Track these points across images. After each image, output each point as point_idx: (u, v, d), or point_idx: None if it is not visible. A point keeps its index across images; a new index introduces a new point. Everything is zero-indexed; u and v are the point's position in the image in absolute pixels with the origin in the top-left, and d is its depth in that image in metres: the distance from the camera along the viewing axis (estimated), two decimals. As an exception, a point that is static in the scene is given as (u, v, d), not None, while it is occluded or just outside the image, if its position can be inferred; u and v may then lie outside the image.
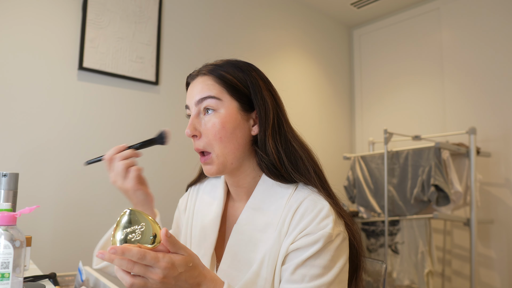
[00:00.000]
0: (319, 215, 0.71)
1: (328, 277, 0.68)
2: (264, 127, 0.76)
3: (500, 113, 2.61)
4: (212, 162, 0.77)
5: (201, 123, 0.77)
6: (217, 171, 0.77)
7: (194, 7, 2.51)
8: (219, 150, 0.75)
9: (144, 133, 2.22)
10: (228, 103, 0.76)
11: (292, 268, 0.69)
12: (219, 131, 0.74)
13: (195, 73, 0.82)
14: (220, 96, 0.76)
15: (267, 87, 0.81)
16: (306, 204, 0.72)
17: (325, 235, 0.69)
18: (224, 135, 0.74)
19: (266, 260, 0.72)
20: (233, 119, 0.75)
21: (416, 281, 2.42)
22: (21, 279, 0.67)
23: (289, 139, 0.77)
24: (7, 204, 0.94)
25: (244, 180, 0.81)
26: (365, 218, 2.72)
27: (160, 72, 2.32)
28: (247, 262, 0.74)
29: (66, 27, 1.99)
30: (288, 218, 0.72)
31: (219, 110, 0.76)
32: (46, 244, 1.86)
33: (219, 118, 0.75)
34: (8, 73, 1.83)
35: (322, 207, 0.72)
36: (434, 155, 2.34)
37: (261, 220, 0.76)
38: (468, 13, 2.82)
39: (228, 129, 0.75)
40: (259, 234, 0.75)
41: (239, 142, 0.76)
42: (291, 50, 3.07)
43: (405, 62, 3.19)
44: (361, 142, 3.43)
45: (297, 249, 0.70)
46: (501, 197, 2.58)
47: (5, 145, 1.80)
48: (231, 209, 0.86)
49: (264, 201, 0.77)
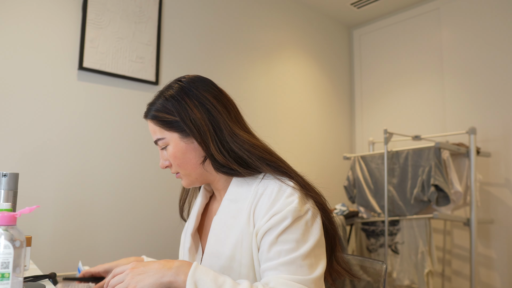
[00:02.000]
0: (283, 195, 0.77)
1: (303, 250, 0.73)
2: (206, 143, 0.84)
3: (500, 113, 2.61)
4: (182, 178, 0.92)
5: (165, 156, 0.91)
6: (188, 184, 0.91)
7: (194, 7, 2.51)
8: (183, 172, 0.89)
9: (144, 133, 2.22)
10: (170, 137, 0.87)
11: (267, 247, 0.74)
12: (175, 160, 0.87)
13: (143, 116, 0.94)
14: (162, 135, 0.88)
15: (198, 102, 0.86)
16: (271, 187, 0.79)
17: (292, 210, 0.74)
18: (179, 162, 0.87)
19: (239, 244, 0.79)
20: (179, 148, 0.86)
21: (416, 281, 2.42)
22: (21, 279, 0.67)
23: (231, 146, 0.84)
24: (7, 204, 0.94)
25: (218, 184, 0.91)
26: (365, 218, 2.72)
27: (160, 72, 2.32)
28: (223, 248, 0.81)
29: (66, 27, 1.99)
30: (255, 201, 0.80)
31: (168, 146, 0.88)
32: (46, 244, 1.86)
33: (170, 152, 0.87)
34: (8, 73, 1.83)
35: (286, 188, 0.78)
36: (434, 155, 2.34)
37: (234, 208, 0.84)
38: (468, 13, 2.82)
39: (179, 157, 0.87)
40: (232, 220, 0.82)
41: (193, 162, 0.87)
42: (291, 50, 3.07)
43: (405, 62, 3.19)
44: (361, 142, 3.43)
45: (268, 229, 0.75)
46: (501, 197, 2.58)
47: (5, 145, 1.80)
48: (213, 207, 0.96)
49: (237, 192, 0.85)
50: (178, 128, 0.86)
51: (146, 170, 2.21)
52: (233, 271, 0.79)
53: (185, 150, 0.86)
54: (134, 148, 2.18)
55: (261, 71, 2.80)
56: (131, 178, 2.15)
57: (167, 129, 0.87)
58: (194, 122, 0.84)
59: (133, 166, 2.17)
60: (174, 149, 0.87)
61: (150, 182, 2.22)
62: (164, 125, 0.87)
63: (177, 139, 0.87)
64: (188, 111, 0.85)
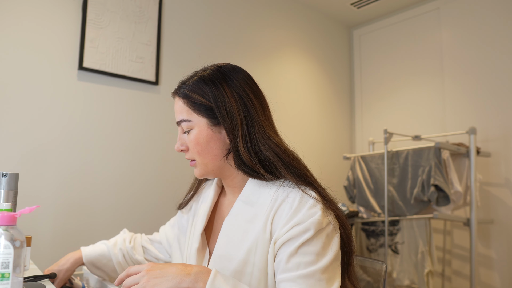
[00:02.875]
0: (306, 205, 0.74)
1: (322, 263, 0.70)
2: (235, 136, 0.80)
3: (500, 113, 2.61)
4: (196, 167, 0.87)
5: (185, 139, 0.87)
6: (201, 175, 0.87)
7: (194, 7, 2.51)
8: (200, 160, 0.84)
9: (144, 133, 2.22)
10: (197, 121, 0.82)
11: (286, 257, 0.71)
12: (195, 147, 0.83)
13: (173, 92, 0.90)
14: (190, 117, 0.83)
15: (237, 93, 0.82)
16: (293, 196, 0.76)
17: (315, 222, 0.72)
18: (201, 149, 0.83)
19: (254, 249, 0.76)
20: (205, 135, 0.82)
21: (416, 281, 2.42)
22: (21, 279, 0.67)
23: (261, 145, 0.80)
24: (7, 204, 0.94)
25: (233, 181, 0.87)
26: (365, 218, 2.72)
27: (160, 72, 2.32)
28: (236, 251, 0.78)
29: (66, 27, 1.99)
30: (274, 209, 0.76)
31: (192, 130, 0.83)
32: (46, 244, 1.86)
33: (193, 137, 0.83)
34: (8, 73, 1.83)
35: (308, 198, 0.75)
36: (434, 155, 2.34)
37: (250, 212, 0.80)
38: (468, 13, 2.82)
39: (202, 144, 0.82)
40: (247, 224, 0.79)
41: (215, 153, 0.83)
42: (291, 50, 3.07)
43: (405, 62, 3.19)
44: (361, 142, 3.43)
45: (288, 240, 0.72)
46: (501, 197, 2.58)
47: (5, 145, 1.80)
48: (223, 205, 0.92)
49: (253, 195, 0.81)
50: (209, 114, 0.81)
51: (146, 170, 2.21)
52: (245, 276, 0.76)
53: (210, 138, 0.82)
54: (134, 148, 2.18)
55: (261, 71, 2.80)
56: (131, 178, 2.15)
57: (196, 112, 0.82)
58: (230, 112, 0.80)
59: (133, 166, 2.17)
60: (199, 135, 0.82)
61: (150, 182, 2.22)
62: (194, 107, 0.82)
63: (205, 125, 0.82)
64: (225, 99, 0.80)
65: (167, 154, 2.30)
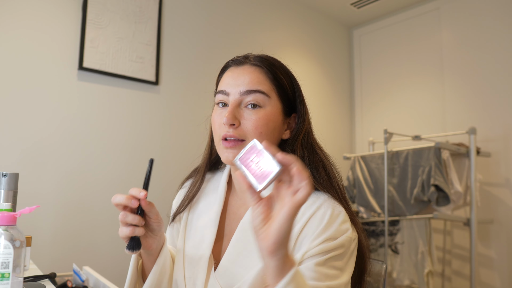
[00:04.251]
0: (337, 220, 0.71)
1: (343, 279, 0.69)
2: (298, 133, 0.78)
3: (500, 113, 2.61)
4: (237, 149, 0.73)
5: (242, 114, 0.74)
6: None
7: (194, 7, 2.51)
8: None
9: (144, 133, 2.22)
10: (274, 102, 0.76)
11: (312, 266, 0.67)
12: (261, 127, 0.73)
13: (242, 59, 0.80)
14: (270, 93, 0.75)
15: (302, 97, 0.83)
16: (323, 210, 0.71)
17: (347, 239, 0.70)
18: (265, 131, 0.73)
19: None
20: (276, 119, 0.75)
21: (416, 281, 2.42)
22: (21, 279, 0.67)
23: (314, 148, 0.79)
24: (7, 204, 0.94)
25: None
26: (365, 218, 2.72)
27: (160, 72, 2.32)
28: (254, 259, 0.72)
29: (66, 27, 1.99)
30: (302, 221, 0.71)
31: (265, 107, 0.74)
32: (46, 244, 1.86)
33: (265, 115, 0.74)
34: (8, 73, 1.83)
35: (339, 212, 0.72)
36: (434, 155, 2.34)
37: None
38: (468, 13, 2.82)
39: (270, 127, 0.74)
40: None
41: (273, 142, 0.76)
42: (291, 51, 3.07)
43: (405, 62, 3.18)
44: (361, 142, 3.43)
45: (319, 253, 0.68)
46: (501, 197, 2.58)
47: (5, 145, 1.80)
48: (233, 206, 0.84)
49: None
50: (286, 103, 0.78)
51: (145, 170, 2.21)
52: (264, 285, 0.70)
53: (278, 125, 0.77)
54: (134, 148, 2.18)
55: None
56: (131, 177, 2.15)
57: (277, 93, 0.77)
58: (305, 109, 0.81)
59: (133, 166, 2.17)
60: (271, 116, 0.74)
61: (150, 180, 2.21)
62: (278, 88, 0.77)
63: (279, 109, 0.77)
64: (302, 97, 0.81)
65: (167, 153, 2.30)
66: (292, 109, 0.81)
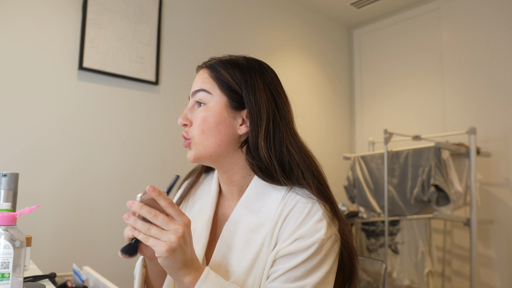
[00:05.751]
0: (313, 218, 0.70)
1: (313, 279, 0.68)
2: (256, 128, 0.75)
3: (500, 113, 2.61)
4: (191, 148, 0.78)
5: (193, 114, 0.79)
6: (195, 157, 0.78)
7: (194, 7, 2.51)
8: (200, 140, 0.76)
9: (143, 133, 2.22)
10: (217, 98, 0.76)
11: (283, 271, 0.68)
12: (203, 123, 0.75)
13: (201, 65, 0.84)
14: (211, 90, 0.77)
15: (269, 88, 0.79)
16: (301, 206, 0.71)
17: (318, 241, 0.68)
18: (207, 128, 0.75)
19: (258, 260, 0.71)
20: (218, 114, 0.75)
21: (416, 281, 2.42)
22: (21, 279, 0.67)
23: (285, 144, 0.75)
24: (7, 204, 0.94)
25: (234, 178, 0.80)
26: (365, 218, 2.72)
27: (160, 72, 2.32)
28: (237, 260, 0.73)
29: (66, 27, 2.00)
30: (281, 220, 0.72)
31: (207, 105, 0.77)
32: (46, 244, 1.86)
33: (203, 112, 0.76)
34: (8, 73, 1.83)
35: (315, 211, 0.71)
36: (434, 155, 2.34)
37: (253, 220, 0.75)
38: (468, 13, 2.82)
39: (211, 123, 0.75)
40: (251, 233, 0.74)
41: (222, 138, 0.76)
42: (291, 50, 3.07)
43: (405, 62, 3.19)
44: (361, 142, 3.43)
45: (289, 254, 0.69)
46: (501, 197, 2.58)
47: (5, 145, 1.80)
48: (223, 208, 0.85)
49: (257, 201, 0.76)
50: (232, 96, 0.76)
51: (146, 170, 2.21)
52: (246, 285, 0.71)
53: (222, 120, 0.75)
54: (134, 147, 2.18)
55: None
56: (131, 178, 2.15)
57: (220, 88, 0.76)
58: (257, 102, 0.75)
59: (133, 165, 2.17)
60: (212, 112, 0.75)
61: (149, 181, 2.22)
62: (219, 83, 0.77)
63: (222, 104, 0.76)
64: (255, 88, 0.76)
65: (167, 153, 2.30)
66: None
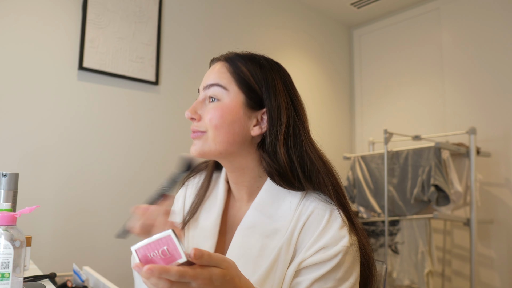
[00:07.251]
0: (334, 224, 0.68)
1: None
2: (275, 131, 0.72)
3: (500, 113, 2.61)
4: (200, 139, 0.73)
5: (203, 108, 0.74)
6: (202, 152, 0.73)
7: (194, 7, 2.51)
8: (213, 136, 0.72)
9: (144, 133, 2.22)
10: (234, 95, 0.72)
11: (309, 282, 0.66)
12: (215, 119, 0.71)
13: (217, 57, 0.80)
14: (228, 85, 0.73)
15: (287, 91, 0.77)
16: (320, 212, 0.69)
17: (343, 249, 0.67)
18: (220, 124, 0.71)
19: (275, 267, 0.69)
20: (234, 112, 0.72)
21: (416, 281, 2.42)
22: (21, 279, 0.67)
23: (305, 149, 0.73)
24: (7, 204, 0.94)
25: (243, 178, 0.77)
26: (365, 218, 2.72)
27: (160, 72, 2.32)
28: (253, 266, 0.70)
29: (66, 27, 1.99)
30: (298, 228, 0.69)
31: (223, 100, 0.72)
32: (46, 244, 1.86)
33: (220, 107, 0.72)
34: (8, 73, 1.83)
35: (335, 217, 0.69)
36: (434, 155, 2.34)
37: (268, 225, 0.72)
38: (468, 13, 2.82)
39: (225, 120, 0.71)
40: (266, 239, 0.71)
41: (235, 138, 0.72)
42: (291, 50, 3.07)
43: (405, 62, 3.18)
44: (361, 142, 3.43)
45: (314, 264, 0.67)
46: (501, 197, 2.58)
47: (5, 145, 1.80)
48: (233, 208, 0.81)
49: (271, 205, 0.73)
50: (250, 95, 0.73)
51: (146, 170, 2.21)
52: None
53: (238, 118, 0.72)
54: (134, 148, 2.18)
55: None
56: (131, 178, 2.15)
57: (237, 84, 0.73)
58: (278, 104, 0.72)
59: (133, 166, 2.17)
60: (228, 109, 0.71)
61: (150, 182, 2.22)
62: (238, 79, 0.73)
63: (239, 102, 0.72)
64: (276, 91, 0.73)
65: (167, 154, 2.30)
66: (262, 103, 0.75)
